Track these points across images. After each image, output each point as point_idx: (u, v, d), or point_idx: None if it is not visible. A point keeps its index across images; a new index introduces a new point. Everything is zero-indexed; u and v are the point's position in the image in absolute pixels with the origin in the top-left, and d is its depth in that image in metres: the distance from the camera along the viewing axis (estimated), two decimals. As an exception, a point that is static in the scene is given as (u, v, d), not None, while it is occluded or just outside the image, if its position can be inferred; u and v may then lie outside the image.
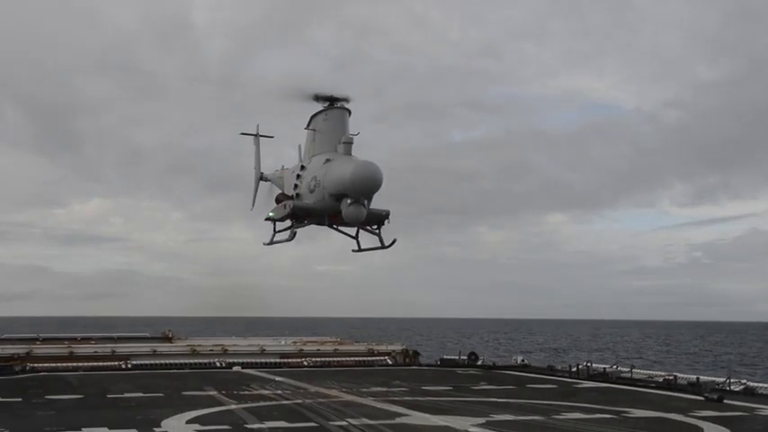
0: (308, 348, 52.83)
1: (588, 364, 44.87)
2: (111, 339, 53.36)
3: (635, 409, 29.31)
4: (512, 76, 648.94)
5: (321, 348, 53.35)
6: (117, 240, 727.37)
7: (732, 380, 37.50)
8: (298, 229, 37.52)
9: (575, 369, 44.35)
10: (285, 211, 37.42)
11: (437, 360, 54.44)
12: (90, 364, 46.16)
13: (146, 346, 50.40)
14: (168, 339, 53.35)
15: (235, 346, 52.62)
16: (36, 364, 44.85)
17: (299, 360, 50.19)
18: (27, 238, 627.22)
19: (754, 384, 37.36)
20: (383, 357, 51.76)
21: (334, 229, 37.69)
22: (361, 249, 38.47)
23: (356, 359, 51.10)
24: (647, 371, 45.00)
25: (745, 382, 38.03)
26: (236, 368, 46.94)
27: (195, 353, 49.76)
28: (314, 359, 50.49)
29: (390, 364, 50.98)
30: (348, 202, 33.72)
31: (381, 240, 37.32)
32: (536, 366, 51.90)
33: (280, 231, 38.50)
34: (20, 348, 47.17)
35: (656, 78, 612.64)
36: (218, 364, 48.38)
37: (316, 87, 37.50)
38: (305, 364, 49.62)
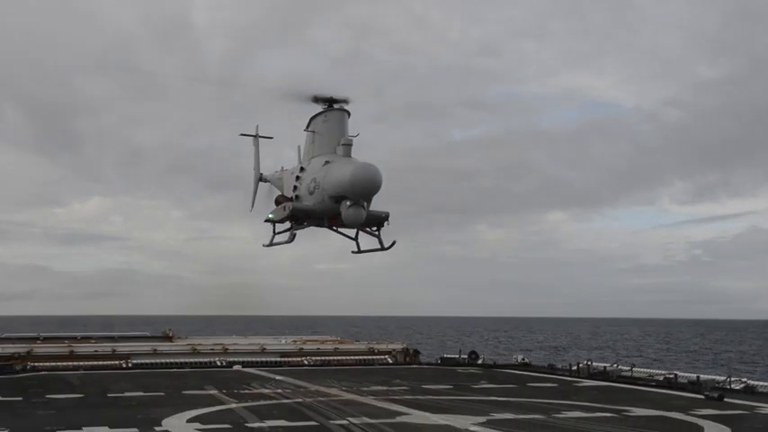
0: (308, 347, 52.82)
1: (588, 362, 44.85)
2: (112, 338, 53.37)
3: (635, 407, 29.29)
4: (512, 75, 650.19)
5: (321, 347, 53.35)
6: (117, 239, 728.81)
7: (732, 378, 37.52)
8: (297, 230, 37.49)
9: (575, 368, 44.34)
10: (284, 213, 37.36)
11: (437, 359, 54.32)
12: (90, 363, 46.15)
13: (146, 346, 50.37)
14: (168, 338, 53.33)
15: (235, 345, 52.60)
16: (36, 364, 44.83)
17: (299, 359, 50.14)
18: (27, 237, 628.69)
19: (755, 383, 37.36)
20: (383, 356, 51.71)
21: (333, 230, 37.67)
22: (360, 251, 38.42)
23: (356, 358, 51.04)
24: (647, 369, 45.00)
25: (745, 380, 38.10)
26: (236, 367, 46.92)
27: (195, 352, 49.76)
28: (314, 358, 50.46)
29: (391, 362, 50.94)
30: (347, 204, 33.68)
31: (381, 242, 37.29)
32: (536, 365, 51.90)
33: (279, 233, 38.45)
34: (20, 348, 47.17)
35: (656, 78, 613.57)
36: (218, 363, 48.38)
37: (315, 88, 37.54)
38: (305, 362, 49.57)
